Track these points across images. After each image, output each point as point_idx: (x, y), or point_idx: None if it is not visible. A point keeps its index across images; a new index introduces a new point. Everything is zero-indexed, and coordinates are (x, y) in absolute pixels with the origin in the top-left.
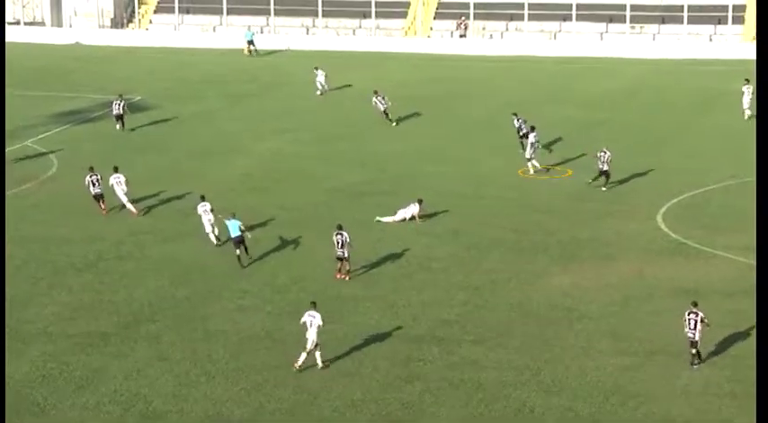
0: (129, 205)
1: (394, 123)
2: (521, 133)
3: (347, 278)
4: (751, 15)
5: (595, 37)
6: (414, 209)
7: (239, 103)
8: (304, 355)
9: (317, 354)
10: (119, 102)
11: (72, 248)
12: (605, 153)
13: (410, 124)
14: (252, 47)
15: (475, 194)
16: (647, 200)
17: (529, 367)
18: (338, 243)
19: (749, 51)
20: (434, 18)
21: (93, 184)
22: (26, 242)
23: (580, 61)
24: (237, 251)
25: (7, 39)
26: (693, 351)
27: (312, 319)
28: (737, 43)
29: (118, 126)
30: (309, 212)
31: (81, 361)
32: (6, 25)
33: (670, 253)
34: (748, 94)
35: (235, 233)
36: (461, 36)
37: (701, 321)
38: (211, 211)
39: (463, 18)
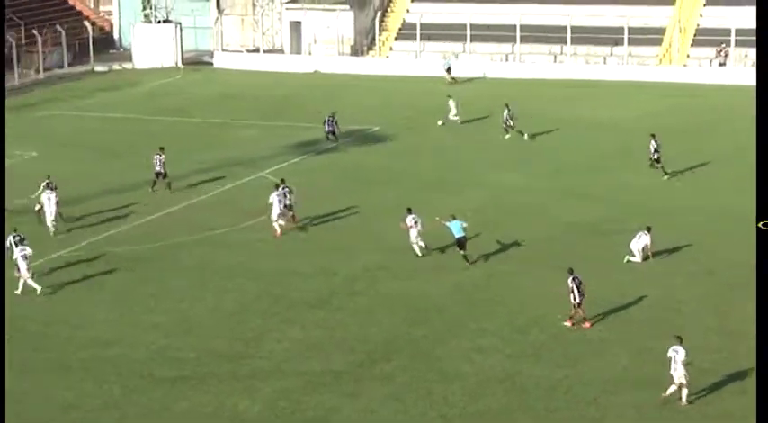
0: (276, 223)
1: (507, 136)
2: (654, 157)
3: (588, 325)
4: None
5: None
6: (646, 239)
7: (482, 133)
8: (674, 387)
9: (684, 392)
10: (331, 119)
11: (305, 283)
12: None
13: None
14: (449, 74)
15: (726, 231)
16: None
17: None
18: (575, 288)
19: None
20: (692, 45)
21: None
22: (259, 276)
23: None
24: (462, 251)
25: (247, 67)
26: None
27: (676, 354)
28: None
29: (329, 139)
30: (546, 249)
31: (314, 400)
32: (246, 53)
33: None
34: None
35: (458, 234)
36: (721, 64)
37: None
38: (418, 222)
39: (723, 45)
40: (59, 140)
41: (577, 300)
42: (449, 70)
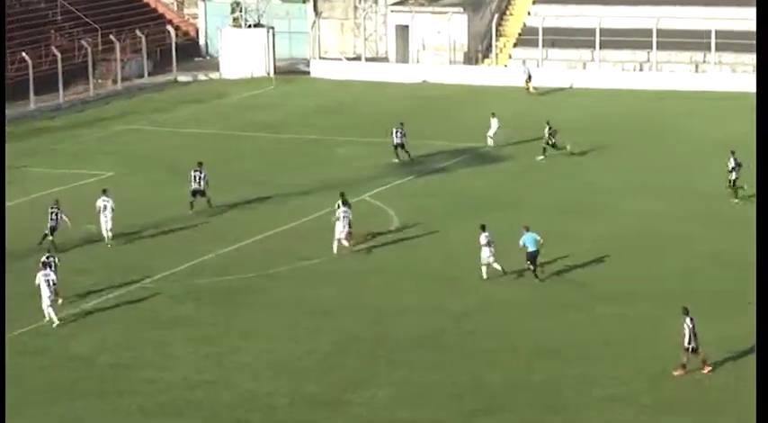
0: (336, 244)
1: (541, 157)
2: (732, 177)
3: (707, 370)
4: None
5: None
6: None
7: (608, 154)
8: None
9: None
10: (399, 130)
11: (412, 320)
12: None
13: None
14: (530, 83)
15: None
16: None
17: None
18: (690, 331)
19: None
20: None
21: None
22: (359, 312)
23: None
24: (532, 266)
25: (347, 77)
26: None
27: None
28: None
29: (396, 159)
30: (682, 285)
31: None
32: (346, 60)
33: None
34: None
35: (532, 248)
36: None
37: None
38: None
39: None
40: (137, 159)
41: (693, 344)
42: (529, 78)
